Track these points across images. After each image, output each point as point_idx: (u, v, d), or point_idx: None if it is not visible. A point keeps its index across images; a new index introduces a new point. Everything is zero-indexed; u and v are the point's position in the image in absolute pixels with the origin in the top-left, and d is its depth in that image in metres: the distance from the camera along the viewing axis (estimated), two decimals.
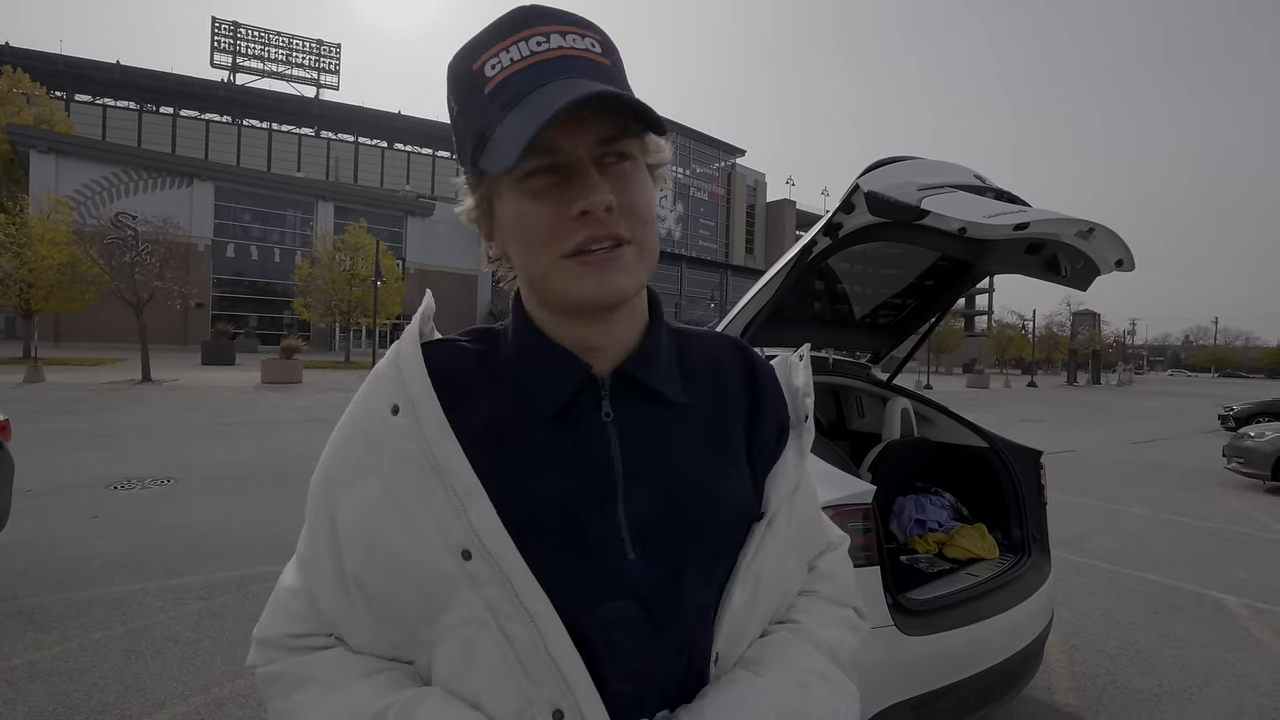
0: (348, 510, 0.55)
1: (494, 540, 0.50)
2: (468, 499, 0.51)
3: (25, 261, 19.59)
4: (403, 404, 0.54)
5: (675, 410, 0.61)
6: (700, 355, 0.66)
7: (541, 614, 0.50)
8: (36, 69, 43.97)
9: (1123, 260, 2.17)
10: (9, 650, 2.91)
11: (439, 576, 0.51)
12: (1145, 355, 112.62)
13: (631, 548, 0.55)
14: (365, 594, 0.54)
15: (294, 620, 0.59)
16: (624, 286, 0.53)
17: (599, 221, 0.51)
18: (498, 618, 0.50)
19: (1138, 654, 3.26)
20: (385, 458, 0.53)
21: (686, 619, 0.56)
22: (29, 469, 5.44)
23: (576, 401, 0.57)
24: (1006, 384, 37.05)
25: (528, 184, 0.52)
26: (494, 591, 0.50)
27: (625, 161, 0.54)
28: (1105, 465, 9.42)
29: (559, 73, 0.51)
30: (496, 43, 0.52)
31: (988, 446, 2.76)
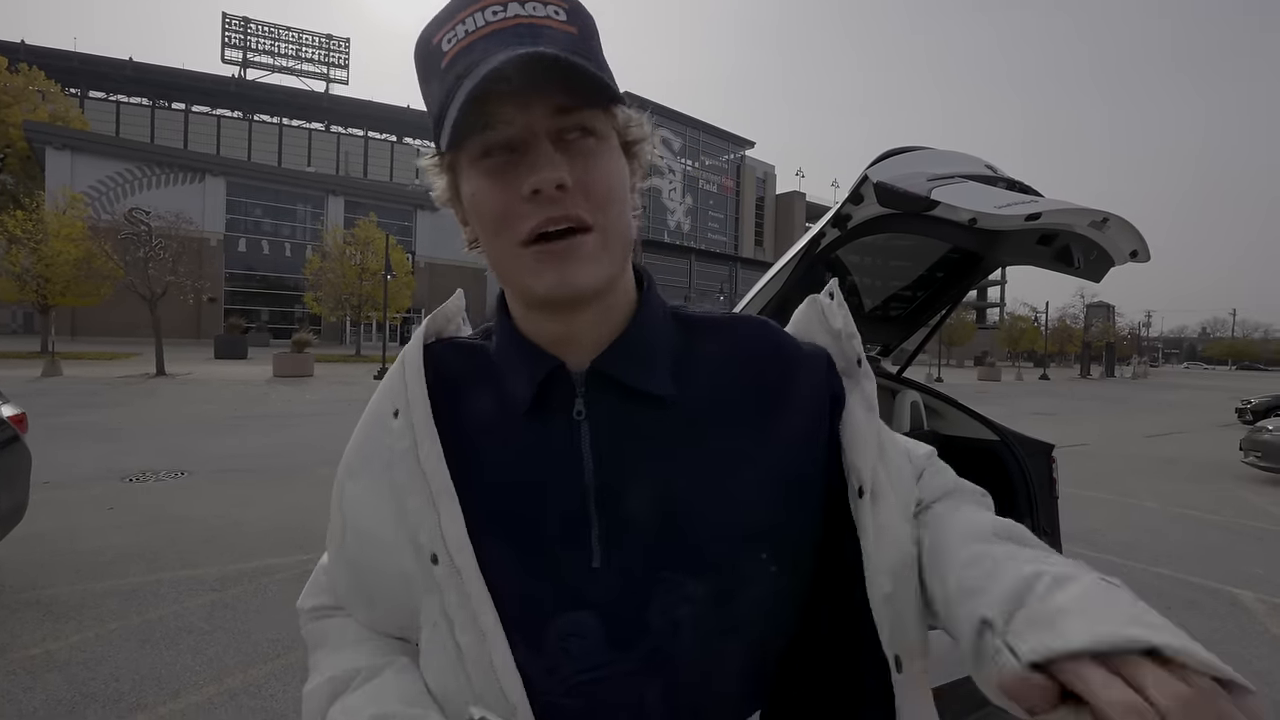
0: (349, 499, 0.57)
1: (457, 548, 0.50)
2: (440, 502, 0.51)
3: (42, 257, 19.86)
4: (401, 407, 0.55)
5: (660, 405, 0.55)
6: (713, 344, 0.60)
7: (489, 631, 0.49)
8: (52, 66, 44.41)
9: (1137, 251, 2.13)
10: (28, 639, 2.97)
11: (411, 575, 0.52)
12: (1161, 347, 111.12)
13: (598, 555, 0.51)
14: (360, 576, 0.57)
15: (320, 594, 0.65)
16: (585, 281, 0.49)
17: (552, 201, 0.48)
18: (452, 626, 0.50)
19: None
20: (383, 454, 0.55)
21: (653, 634, 0.50)
22: (47, 461, 5.52)
23: (549, 398, 0.54)
24: (1018, 377, 36.69)
25: (483, 163, 0.50)
26: (452, 599, 0.50)
27: (589, 138, 0.50)
28: (1119, 458, 9.32)
29: (512, 40, 0.47)
30: (455, 14, 0.50)
31: (998, 440, 2.73)
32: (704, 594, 0.51)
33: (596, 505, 0.52)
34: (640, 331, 0.56)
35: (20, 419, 3.65)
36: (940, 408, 2.97)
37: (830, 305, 0.63)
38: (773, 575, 0.53)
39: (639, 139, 0.55)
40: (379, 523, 0.54)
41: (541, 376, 0.54)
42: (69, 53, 55.96)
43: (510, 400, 0.55)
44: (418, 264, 39.99)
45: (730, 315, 0.63)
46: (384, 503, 0.54)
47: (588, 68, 0.46)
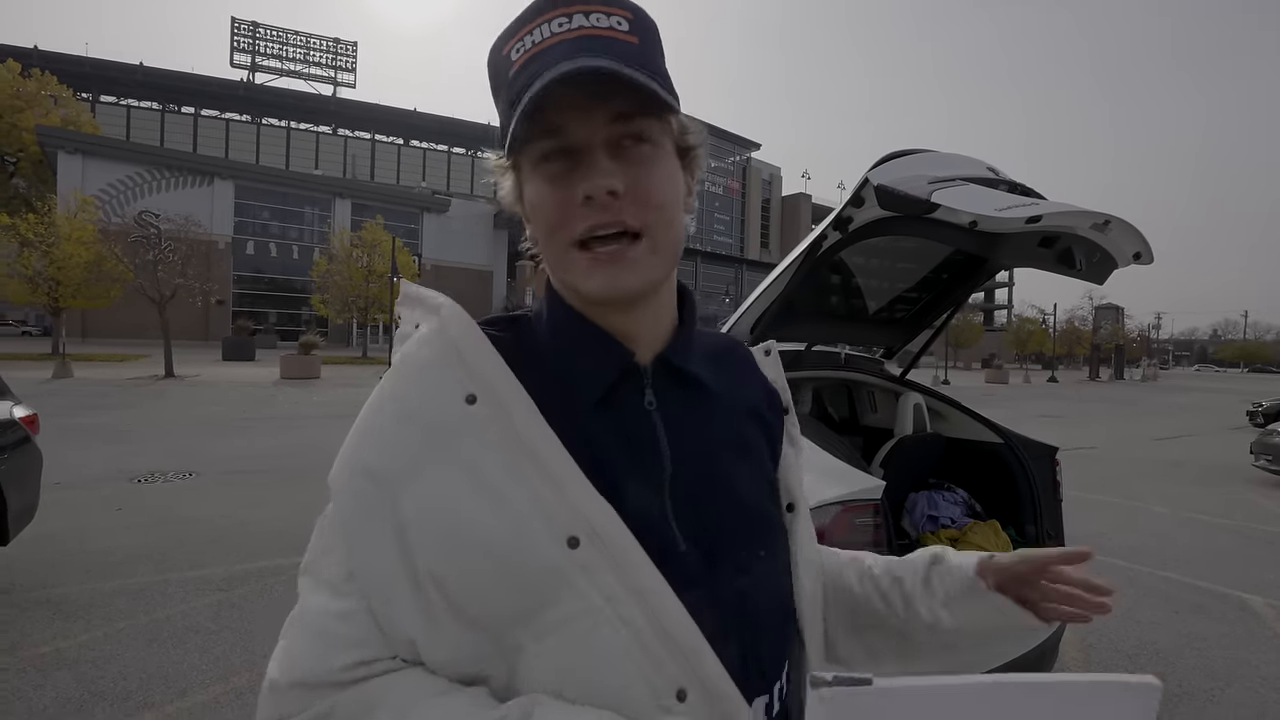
0: (416, 506, 0.48)
1: (603, 521, 0.48)
2: (569, 483, 0.49)
3: (54, 260, 20.06)
4: (480, 391, 0.50)
5: (712, 400, 0.61)
6: (719, 350, 0.67)
7: (655, 590, 0.48)
8: (64, 71, 44.82)
9: (1140, 253, 2.12)
10: (38, 638, 3.00)
11: (541, 568, 0.47)
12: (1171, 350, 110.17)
13: (681, 539, 0.54)
14: (448, 596, 0.47)
15: (351, 648, 0.49)
16: (632, 285, 0.52)
17: (603, 207, 0.50)
18: (613, 604, 0.47)
19: (1157, 654, 3.21)
20: (466, 444, 0.49)
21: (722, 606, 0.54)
22: (57, 462, 5.58)
23: (618, 389, 0.56)
24: (1026, 379, 36.48)
25: (543, 168, 0.52)
26: (605, 577, 0.47)
27: (644, 145, 0.52)
28: (1126, 462, 9.26)
29: (575, 52, 0.50)
30: (523, 27, 0.52)
31: (1002, 442, 2.73)
32: (757, 564, 0.58)
33: (672, 491, 0.55)
34: (690, 332, 0.62)
35: (32, 420, 3.70)
36: (944, 410, 2.97)
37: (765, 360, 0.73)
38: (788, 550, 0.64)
39: (695, 145, 0.57)
40: (478, 523, 0.48)
41: (619, 367, 0.56)
42: (81, 58, 56.57)
43: (577, 389, 0.55)
44: (424, 266, 40.13)
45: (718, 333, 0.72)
46: (479, 499, 0.48)
47: (640, 79, 0.48)
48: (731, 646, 0.54)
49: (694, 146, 0.57)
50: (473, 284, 48.58)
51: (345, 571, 0.51)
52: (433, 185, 62.44)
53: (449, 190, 61.49)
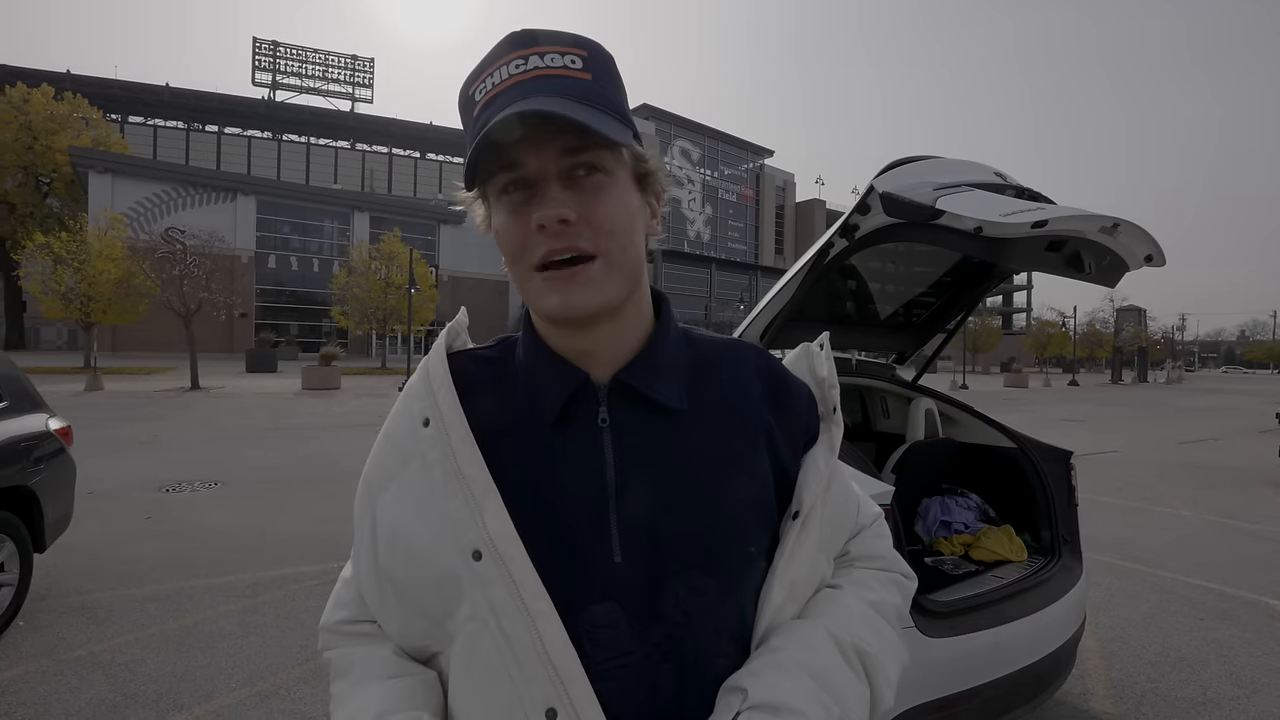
0: (380, 511, 0.60)
1: (504, 541, 0.54)
2: (483, 501, 0.55)
3: (85, 276, 20.63)
4: (431, 415, 0.59)
5: (675, 416, 0.61)
6: (716, 362, 0.66)
7: (542, 612, 0.52)
8: (94, 94, 46.33)
9: (1152, 255, 2.12)
10: (73, 641, 3.10)
11: (450, 575, 0.55)
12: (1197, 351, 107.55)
13: (619, 550, 0.56)
14: (394, 586, 0.59)
15: (344, 608, 0.67)
16: (587, 302, 0.55)
17: (557, 234, 0.54)
18: (499, 616, 0.53)
19: (1180, 661, 3.15)
20: (414, 463, 0.58)
21: (665, 623, 0.56)
22: (91, 472, 5.75)
23: (575, 407, 0.59)
24: (1046, 383, 35.87)
25: (504, 199, 0.57)
26: (498, 591, 0.53)
27: (596, 174, 0.56)
28: (1150, 465, 9.07)
29: (529, 93, 0.54)
30: (485, 69, 0.57)
31: (1015, 447, 2.72)
32: (713, 587, 0.58)
33: (616, 505, 0.57)
34: (657, 349, 0.62)
35: (66, 432, 3.83)
36: (956, 415, 2.97)
37: (819, 354, 0.74)
38: (761, 570, 0.62)
39: (652, 170, 0.61)
40: (414, 529, 0.57)
41: (571, 388, 0.59)
42: (110, 80, 58.28)
43: (537, 408, 0.60)
44: (441, 277, 40.64)
45: (731, 339, 0.71)
46: (418, 509, 0.57)
47: (578, 119, 0.52)
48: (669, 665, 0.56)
49: (651, 172, 0.61)
50: (489, 294, 49.01)
51: (353, 551, 0.66)
52: (449, 197, 63.07)
53: None
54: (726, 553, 0.59)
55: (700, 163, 65.68)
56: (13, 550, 3.30)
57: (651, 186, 0.62)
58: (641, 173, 0.60)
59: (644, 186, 0.61)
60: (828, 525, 0.65)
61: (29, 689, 2.69)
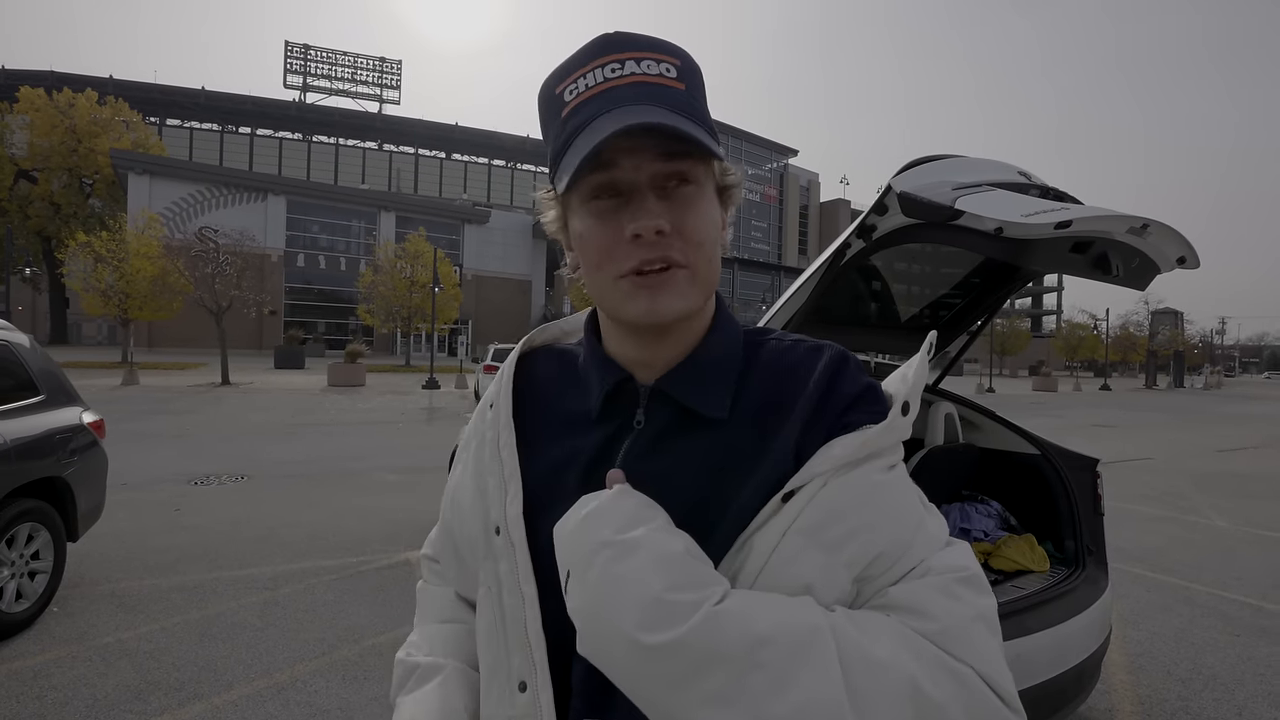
0: (454, 473, 0.71)
1: (514, 524, 0.59)
2: (510, 485, 0.60)
3: (124, 274, 21.31)
4: (496, 401, 0.66)
5: (713, 427, 0.59)
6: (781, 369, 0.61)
7: (529, 596, 0.56)
8: (134, 98, 47.75)
9: (1185, 257, 2.05)
10: (103, 628, 3.20)
11: (477, 540, 0.63)
12: (1237, 356, 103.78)
13: None
14: (450, 535, 0.71)
15: (430, 545, 0.79)
16: (674, 308, 0.56)
17: (651, 245, 0.54)
18: (501, 589, 0.58)
19: (1214, 679, 3.04)
20: (476, 439, 0.67)
21: None
22: (123, 464, 5.93)
23: (615, 407, 0.62)
24: (1077, 387, 34.93)
25: (593, 204, 0.56)
26: (504, 566, 0.58)
27: (687, 186, 0.56)
28: (1185, 473, 8.77)
29: (627, 99, 0.54)
30: (576, 69, 0.56)
31: (1038, 453, 2.64)
32: None
33: None
34: (705, 355, 0.61)
35: (99, 425, 3.95)
36: (977, 420, 2.90)
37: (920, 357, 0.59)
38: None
39: (732, 185, 0.61)
40: (465, 494, 0.66)
41: (610, 387, 0.62)
42: (149, 84, 60.06)
43: (586, 404, 0.64)
44: (465, 276, 41.14)
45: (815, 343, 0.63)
46: (471, 479, 0.66)
47: (687, 131, 0.52)
48: None
49: (732, 186, 0.61)
50: (512, 293, 49.44)
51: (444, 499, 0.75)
52: (473, 197, 63.99)
53: (489, 202, 62.93)
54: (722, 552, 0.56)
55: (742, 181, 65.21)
56: (47, 539, 3.42)
57: (729, 199, 0.62)
58: (724, 185, 0.61)
59: (722, 199, 0.61)
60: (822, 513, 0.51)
61: (60, 673, 2.78)
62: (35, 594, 3.31)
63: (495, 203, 62.77)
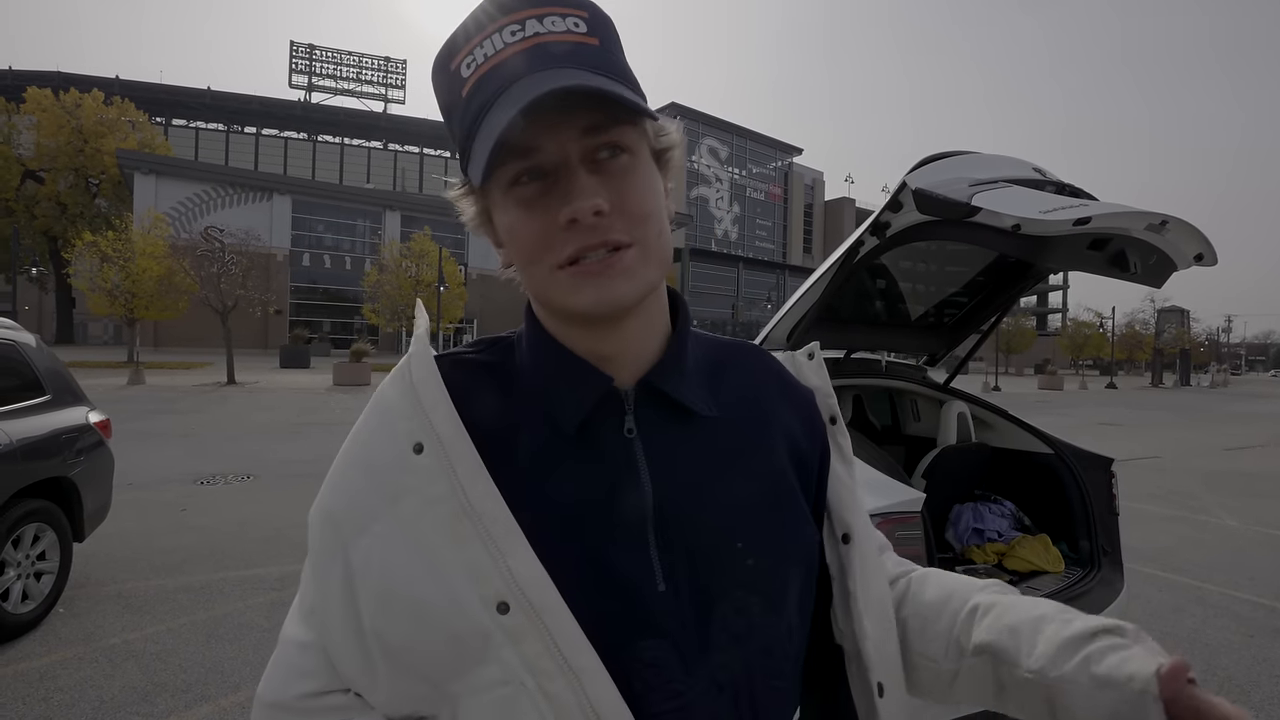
0: (361, 559, 0.48)
1: (537, 589, 0.45)
2: (506, 544, 0.46)
3: (130, 274, 21.39)
4: (427, 441, 0.48)
5: (705, 425, 0.55)
6: (732, 365, 0.60)
7: (587, 668, 0.45)
8: (140, 98, 47.98)
9: (1203, 254, 2.01)
10: (109, 629, 3.20)
11: (471, 631, 0.46)
12: (1244, 354, 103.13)
13: (662, 578, 0.49)
14: (385, 649, 0.48)
15: (306, 678, 0.52)
16: (625, 293, 0.48)
17: (590, 229, 0.47)
18: (537, 677, 0.45)
19: (1229, 680, 3.00)
20: (407, 500, 0.48)
21: (715, 651, 0.50)
22: (130, 464, 5.94)
23: (597, 417, 0.52)
24: (1083, 385, 34.77)
25: (515, 192, 0.48)
26: (533, 647, 0.45)
27: (621, 155, 0.48)
28: (1194, 472, 8.70)
29: (533, 65, 0.46)
30: (471, 38, 0.48)
31: (1052, 453, 2.62)
32: (759, 607, 0.52)
33: (655, 525, 0.50)
34: (683, 349, 0.56)
35: (105, 425, 3.95)
36: (989, 419, 2.87)
37: (807, 364, 0.67)
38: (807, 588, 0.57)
39: (669, 146, 0.53)
40: (418, 583, 0.47)
41: (596, 395, 0.52)
42: (155, 84, 60.35)
43: (555, 420, 0.52)
44: (470, 275, 41.10)
45: (734, 340, 0.65)
46: (420, 556, 0.47)
47: (610, 90, 0.44)
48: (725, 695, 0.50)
49: (669, 148, 0.53)
50: (517, 292, 48.78)
51: (309, 606, 0.53)
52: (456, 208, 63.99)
53: None
54: (769, 570, 0.54)
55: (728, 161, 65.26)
56: (53, 539, 3.41)
57: (668, 164, 0.54)
58: (661, 148, 0.53)
59: (661, 165, 0.53)
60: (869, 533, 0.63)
61: (66, 674, 2.77)
62: (41, 595, 3.31)
63: None
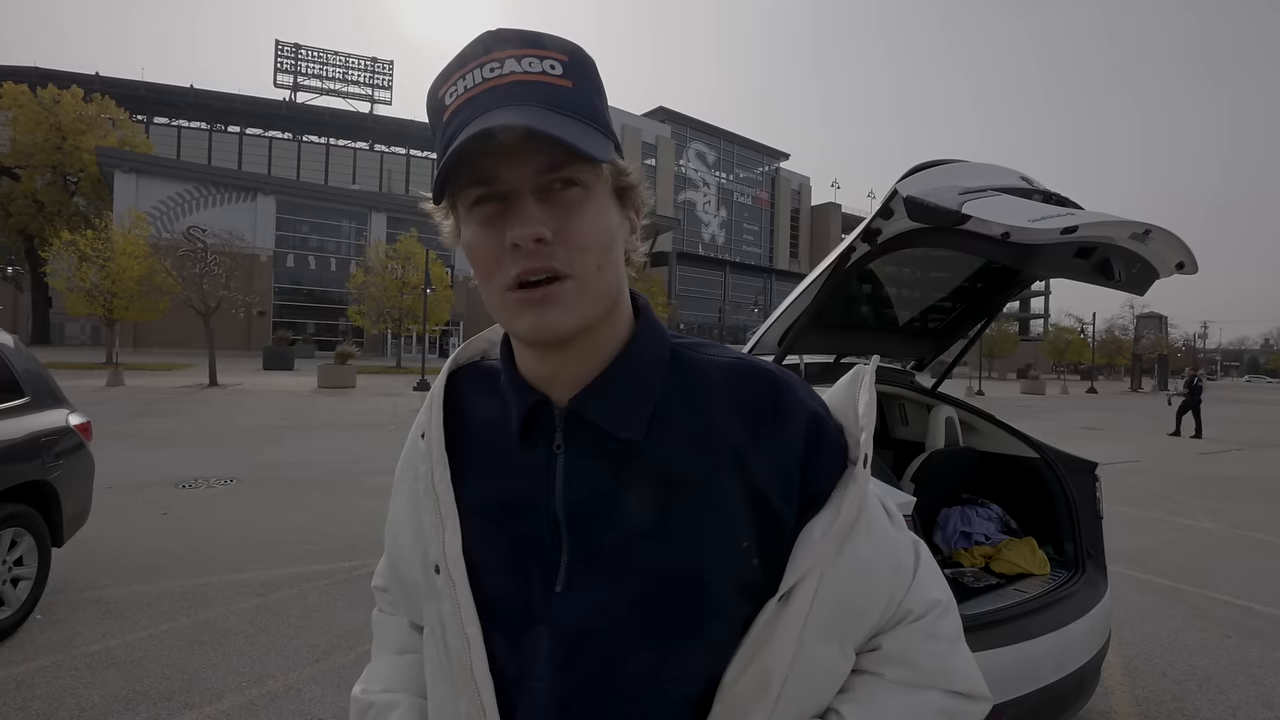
0: (391, 509, 0.68)
1: (454, 563, 0.57)
2: (447, 522, 0.58)
3: (109, 274, 21.02)
4: (426, 431, 0.63)
5: (630, 447, 0.55)
6: (703, 385, 0.58)
7: (473, 637, 0.55)
8: (121, 95, 47.29)
9: (1184, 263, 2.07)
10: (89, 636, 3.13)
11: (420, 580, 0.61)
12: (1219, 360, 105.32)
13: (563, 582, 0.54)
14: (395, 570, 0.69)
15: (379, 575, 0.78)
16: (559, 324, 0.51)
17: (531, 254, 0.50)
18: (445, 630, 0.57)
19: (1207, 680, 3.06)
20: (409, 473, 0.64)
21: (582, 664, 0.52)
22: (110, 467, 5.82)
23: (536, 429, 0.58)
24: (1064, 390, 35.32)
25: (476, 211, 0.53)
26: (446, 606, 0.57)
27: (573, 189, 0.51)
28: (1171, 476, 8.88)
29: (503, 101, 0.50)
30: (457, 71, 0.53)
31: (1038, 457, 2.65)
32: (649, 638, 0.52)
33: (567, 534, 0.56)
34: (621, 371, 0.57)
35: (86, 427, 3.87)
36: (977, 423, 2.91)
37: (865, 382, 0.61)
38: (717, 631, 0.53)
39: (633, 184, 0.57)
40: (404, 533, 0.64)
41: (525, 410, 0.58)
42: (137, 82, 59.46)
43: (508, 427, 0.60)
44: (456, 278, 40.85)
45: (738, 358, 0.61)
46: (408, 515, 0.63)
47: (557, 135, 0.47)
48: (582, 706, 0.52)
49: (632, 185, 0.57)
50: None
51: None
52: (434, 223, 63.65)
53: None
54: (671, 600, 0.52)
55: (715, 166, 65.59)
56: (31, 544, 3.34)
57: (632, 201, 0.57)
58: (622, 186, 0.56)
59: (624, 201, 0.57)
60: (830, 606, 0.54)
61: (44, 683, 2.71)
62: (19, 601, 3.23)
63: None
